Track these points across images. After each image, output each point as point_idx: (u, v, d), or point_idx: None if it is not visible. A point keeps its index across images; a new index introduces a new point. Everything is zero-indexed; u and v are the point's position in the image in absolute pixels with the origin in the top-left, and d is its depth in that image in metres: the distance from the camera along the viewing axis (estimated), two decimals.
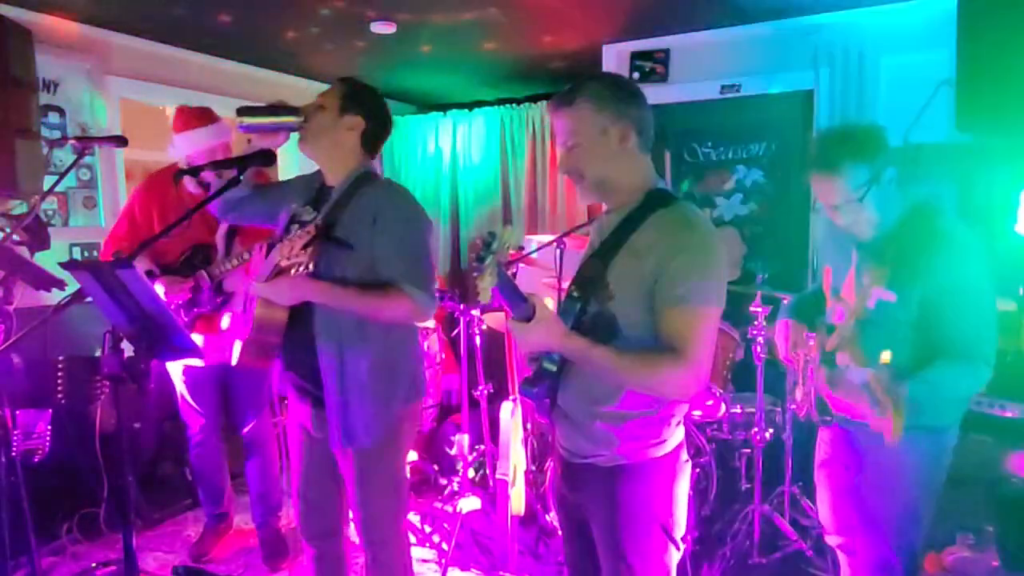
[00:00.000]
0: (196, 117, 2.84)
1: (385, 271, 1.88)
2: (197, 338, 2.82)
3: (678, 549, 1.55)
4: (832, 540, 2.05)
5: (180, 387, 3.01)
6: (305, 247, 1.71)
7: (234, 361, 2.01)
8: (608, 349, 1.40)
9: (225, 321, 2.88)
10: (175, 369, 3.00)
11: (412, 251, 1.92)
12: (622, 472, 1.51)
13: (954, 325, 1.65)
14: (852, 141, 1.73)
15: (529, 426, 3.29)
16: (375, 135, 2.00)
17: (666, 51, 4.14)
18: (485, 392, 3.34)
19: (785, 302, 2.15)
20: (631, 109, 1.48)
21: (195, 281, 2.81)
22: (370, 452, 1.96)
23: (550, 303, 1.41)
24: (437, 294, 2.08)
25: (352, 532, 2.17)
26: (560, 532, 1.81)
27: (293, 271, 1.72)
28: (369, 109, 1.97)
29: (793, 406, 1.97)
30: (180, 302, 2.82)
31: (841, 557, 2.04)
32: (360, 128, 1.96)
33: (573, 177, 1.53)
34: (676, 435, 1.56)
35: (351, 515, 2.11)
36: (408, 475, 2.21)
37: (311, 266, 1.72)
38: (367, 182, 1.96)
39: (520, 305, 1.39)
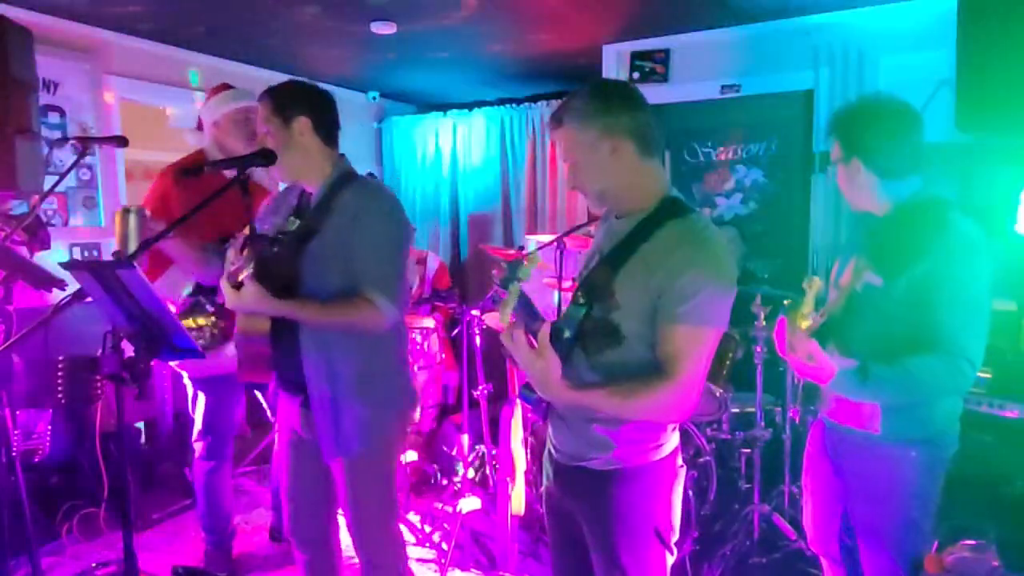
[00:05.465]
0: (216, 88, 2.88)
1: (357, 270, 1.83)
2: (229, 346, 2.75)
3: (672, 554, 1.55)
4: (813, 548, 2.04)
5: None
6: (241, 250, 1.68)
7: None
8: (596, 392, 1.40)
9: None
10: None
11: (388, 254, 1.87)
12: (618, 476, 1.50)
13: (940, 316, 1.60)
14: (845, 117, 1.79)
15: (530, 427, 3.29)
16: (327, 123, 1.93)
17: (666, 51, 4.14)
18: (485, 392, 3.33)
19: (787, 303, 2.14)
20: (622, 118, 1.44)
21: None
22: (362, 459, 1.92)
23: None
24: (442, 293, 2.06)
25: (345, 537, 2.11)
26: (548, 540, 1.79)
27: (240, 276, 1.69)
28: (305, 103, 1.91)
29: (792, 409, 1.95)
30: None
31: (823, 563, 2.04)
32: (309, 125, 1.90)
33: (579, 191, 1.55)
34: (672, 440, 1.56)
35: (342, 519, 2.07)
36: (402, 478, 2.17)
37: (250, 269, 1.68)
38: (346, 183, 1.92)
39: (533, 323, 1.40)
